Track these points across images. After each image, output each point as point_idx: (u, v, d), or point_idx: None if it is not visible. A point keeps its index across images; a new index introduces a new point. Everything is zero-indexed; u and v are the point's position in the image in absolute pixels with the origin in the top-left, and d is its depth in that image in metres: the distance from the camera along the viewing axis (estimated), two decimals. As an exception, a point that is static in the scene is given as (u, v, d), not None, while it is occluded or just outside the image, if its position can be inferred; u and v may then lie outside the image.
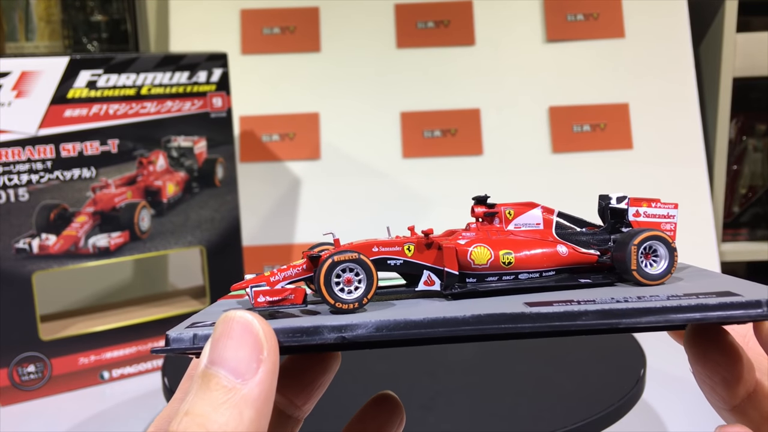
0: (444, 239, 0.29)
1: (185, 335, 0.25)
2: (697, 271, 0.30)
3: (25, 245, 0.67)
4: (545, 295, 0.27)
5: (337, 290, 0.26)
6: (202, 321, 0.27)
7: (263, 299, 0.26)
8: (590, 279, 0.28)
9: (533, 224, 0.30)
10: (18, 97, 0.66)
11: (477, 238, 0.29)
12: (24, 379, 0.68)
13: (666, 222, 0.30)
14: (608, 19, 0.94)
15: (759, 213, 1.00)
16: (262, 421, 0.21)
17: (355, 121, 0.92)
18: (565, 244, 0.29)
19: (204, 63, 0.73)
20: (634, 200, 0.30)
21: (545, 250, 0.29)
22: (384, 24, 0.94)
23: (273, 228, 0.90)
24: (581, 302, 0.25)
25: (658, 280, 0.27)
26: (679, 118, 0.91)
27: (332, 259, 0.26)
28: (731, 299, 0.24)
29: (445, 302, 0.27)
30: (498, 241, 0.29)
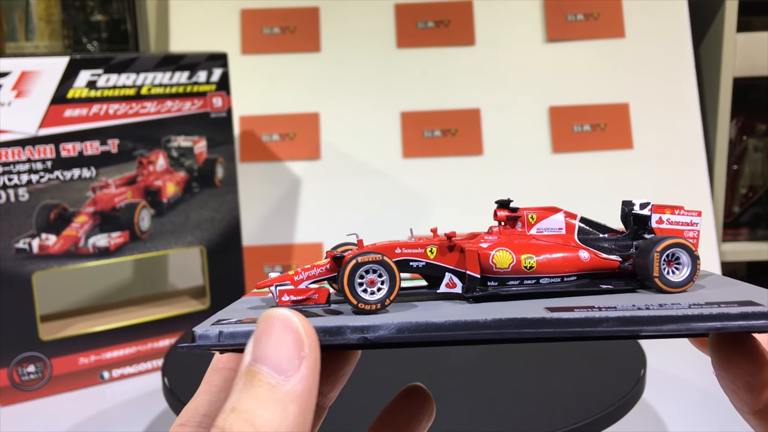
0: (466, 242, 0.29)
1: (211, 332, 0.25)
2: (720, 279, 0.30)
3: (25, 245, 0.67)
4: (566, 300, 0.27)
5: (360, 291, 0.26)
6: (227, 318, 0.27)
7: (287, 298, 0.27)
8: (612, 285, 0.28)
9: (555, 229, 0.30)
10: (18, 97, 0.65)
11: (499, 242, 0.29)
12: (24, 379, 0.68)
13: (689, 229, 0.30)
14: (608, 19, 0.94)
15: (759, 213, 1.00)
16: (306, 416, 0.21)
17: (355, 121, 0.92)
18: (587, 250, 0.29)
19: (204, 63, 0.73)
20: (657, 207, 0.30)
21: (567, 255, 0.29)
22: (384, 24, 0.94)
23: (273, 228, 0.90)
24: (602, 308, 0.25)
25: (680, 287, 0.27)
26: (679, 118, 0.91)
27: (356, 260, 0.26)
28: (753, 309, 0.24)
29: (466, 305, 0.27)
30: (520, 245, 0.29)
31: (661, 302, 0.25)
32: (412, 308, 0.26)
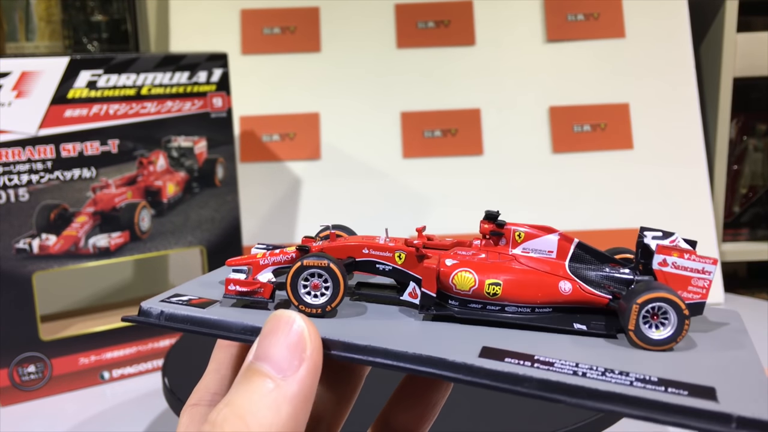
0: (436, 255, 0.27)
1: (154, 310, 0.26)
2: (725, 337, 0.26)
3: (26, 245, 0.67)
4: (515, 338, 0.24)
5: (303, 293, 0.26)
6: (183, 295, 0.27)
7: (233, 288, 0.27)
8: (588, 325, 0.25)
9: (545, 251, 0.27)
10: (18, 98, 0.66)
11: (466, 261, 0.26)
12: (24, 379, 0.68)
13: (699, 277, 0.26)
14: (609, 19, 0.94)
15: (759, 213, 1.00)
16: (299, 419, 0.21)
17: (355, 121, 0.92)
18: (571, 281, 0.26)
19: (204, 63, 0.73)
20: (662, 248, 0.26)
21: (543, 284, 0.26)
22: (384, 24, 0.94)
23: (273, 228, 0.90)
24: (536, 363, 0.22)
25: (657, 346, 0.24)
26: (679, 118, 0.91)
27: (301, 263, 0.26)
28: (701, 405, 0.21)
29: (414, 323, 0.26)
30: (489, 266, 0.26)
31: (610, 367, 0.23)
32: (352, 317, 0.26)
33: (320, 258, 0.26)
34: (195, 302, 0.27)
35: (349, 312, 0.26)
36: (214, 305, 0.27)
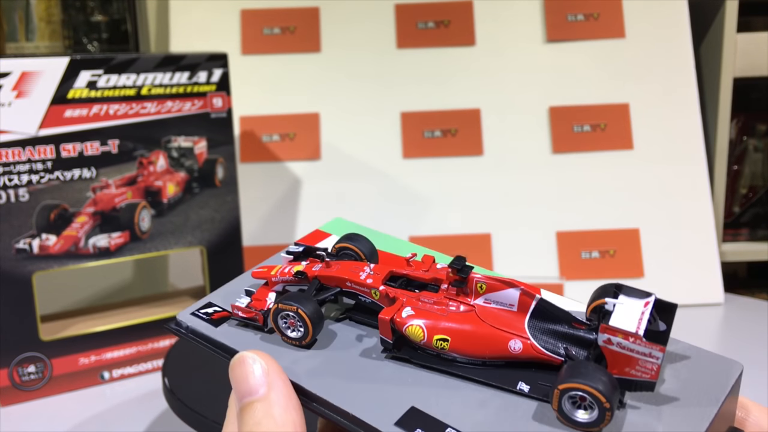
0: (399, 299, 0.28)
1: (183, 322, 0.31)
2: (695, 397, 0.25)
3: (26, 245, 0.67)
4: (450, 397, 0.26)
5: (284, 327, 0.29)
6: (211, 306, 0.32)
7: (237, 312, 0.30)
8: (529, 388, 0.26)
9: (506, 304, 0.27)
10: (18, 98, 0.66)
11: (420, 313, 0.27)
12: (24, 380, 0.68)
13: (646, 360, 0.24)
14: (609, 20, 0.94)
15: (759, 213, 1.00)
16: (291, 414, 0.26)
17: (355, 122, 0.92)
18: (523, 339, 0.26)
19: (204, 63, 0.73)
20: (605, 328, 0.24)
21: (492, 342, 0.26)
22: (384, 24, 0.95)
23: (273, 228, 0.90)
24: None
25: (582, 428, 0.24)
26: (679, 118, 0.91)
27: (277, 306, 0.29)
28: None
29: (371, 362, 0.28)
30: (440, 319, 0.27)
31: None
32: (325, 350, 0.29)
33: (291, 303, 0.28)
34: (216, 317, 0.31)
35: (322, 342, 0.29)
36: (226, 323, 0.31)
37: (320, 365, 0.28)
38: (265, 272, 0.32)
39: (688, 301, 0.85)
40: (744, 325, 0.80)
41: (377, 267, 0.30)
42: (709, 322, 0.81)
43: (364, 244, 0.32)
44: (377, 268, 0.30)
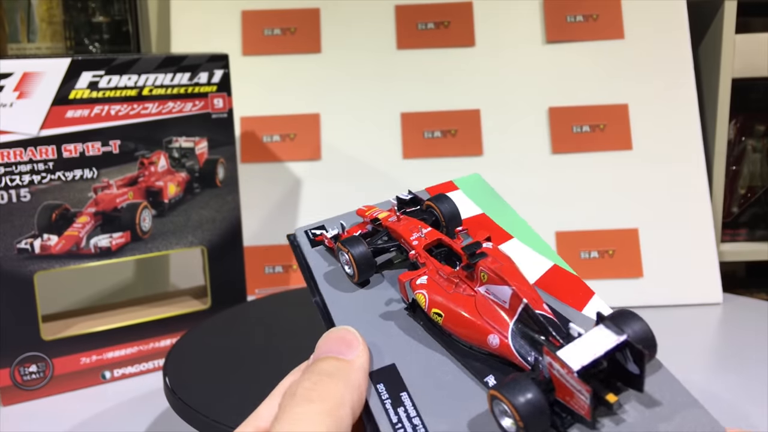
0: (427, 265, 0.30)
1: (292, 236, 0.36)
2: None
3: (27, 245, 0.68)
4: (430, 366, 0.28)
5: (343, 263, 0.33)
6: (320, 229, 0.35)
7: (324, 241, 0.34)
8: (494, 385, 0.26)
9: (501, 300, 0.27)
10: (20, 98, 0.66)
11: (428, 285, 0.29)
12: (26, 379, 0.69)
13: (578, 396, 0.24)
14: (608, 20, 0.94)
15: (758, 213, 1.00)
16: (363, 392, 0.26)
17: (355, 122, 0.93)
18: (501, 337, 0.26)
19: (205, 64, 0.74)
20: (548, 352, 0.24)
21: (475, 331, 0.27)
22: (384, 25, 0.95)
23: (274, 228, 0.90)
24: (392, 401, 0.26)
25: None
26: (678, 118, 0.91)
27: (337, 245, 0.33)
28: None
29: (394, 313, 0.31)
30: (442, 295, 0.28)
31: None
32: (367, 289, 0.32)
33: (345, 245, 0.32)
34: (317, 239, 0.35)
35: (372, 283, 0.32)
36: (318, 248, 0.35)
37: (349, 297, 0.31)
38: (363, 212, 0.36)
39: (687, 301, 0.86)
40: (742, 325, 0.80)
41: (431, 232, 0.32)
42: (707, 322, 0.82)
43: (446, 207, 0.34)
44: (431, 234, 0.32)
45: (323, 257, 0.34)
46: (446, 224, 0.33)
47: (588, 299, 0.29)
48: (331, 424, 0.24)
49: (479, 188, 0.37)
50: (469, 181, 0.38)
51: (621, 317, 0.25)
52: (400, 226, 0.33)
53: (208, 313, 0.76)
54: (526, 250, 0.33)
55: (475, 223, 0.35)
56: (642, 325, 0.25)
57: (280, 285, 0.88)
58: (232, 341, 0.62)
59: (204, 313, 0.76)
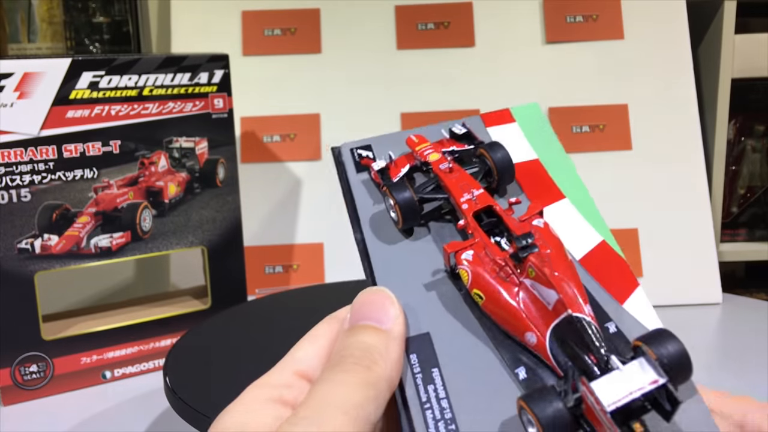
0: (475, 236, 0.28)
1: (337, 149, 0.34)
2: None
3: (28, 245, 0.68)
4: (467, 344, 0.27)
5: (388, 207, 0.31)
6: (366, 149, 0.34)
7: (371, 172, 0.33)
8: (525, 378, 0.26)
9: (546, 300, 0.26)
10: (20, 98, 0.66)
11: (473, 262, 0.27)
12: (26, 379, 0.69)
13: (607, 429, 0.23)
14: (608, 21, 0.94)
15: (757, 213, 1.00)
16: (401, 364, 0.25)
17: (355, 122, 0.93)
18: (538, 337, 0.25)
19: (205, 64, 0.74)
20: (584, 382, 0.23)
21: (514, 323, 0.26)
22: (384, 25, 0.95)
23: (274, 228, 0.90)
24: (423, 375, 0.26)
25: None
26: (678, 119, 0.91)
27: (384, 189, 0.31)
28: None
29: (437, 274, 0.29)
30: (484, 278, 0.27)
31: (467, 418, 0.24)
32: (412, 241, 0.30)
33: (390, 190, 0.30)
34: (363, 162, 0.33)
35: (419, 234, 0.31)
36: (363, 176, 0.33)
37: (392, 247, 0.30)
38: (413, 143, 0.33)
39: (687, 301, 0.86)
40: (742, 325, 0.80)
41: (483, 196, 0.30)
42: (707, 322, 0.82)
43: (500, 160, 0.31)
44: (482, 198, 0.29)
45: (369, 191, 0.32)
46: (498, 178, 0.31)
47: (631, 291, 0.28)
48: (370, 396, 0.24)
49: (536, 122, 0.34)
50: (527, 112, 0.34)
51: (657, 338, 0.24)
52: (452, 181, 0.30)
53: (208, 313, 0.76)
54: (576, 216, 0.31)
55: (528, 172, 0.32)
56: (678, 347, 0.24)
57: (280, 285, 0.89)
58: (232, 341, 0.62)
59: (204, 313, 0.76)
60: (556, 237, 0.28)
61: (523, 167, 0.32)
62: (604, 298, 0.28)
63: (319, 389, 0.24)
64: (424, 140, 0.33)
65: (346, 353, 0.25)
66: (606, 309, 0.27)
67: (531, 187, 0.31)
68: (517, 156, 0.32)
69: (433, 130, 0.34)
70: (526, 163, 0.32)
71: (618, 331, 0.26)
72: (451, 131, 0.34)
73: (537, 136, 0.34)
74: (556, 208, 0.31)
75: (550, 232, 0.28)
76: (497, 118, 0.34)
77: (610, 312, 0.27)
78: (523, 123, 0.34)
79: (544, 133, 0.34)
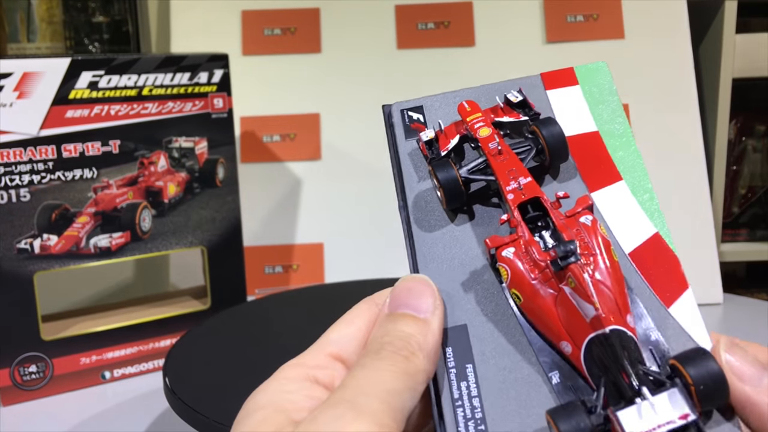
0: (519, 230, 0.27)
1: (387, 109, 0.34)
2: None
3: (27, 245, 0.68)
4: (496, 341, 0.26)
5: (434, 186, 0.30)
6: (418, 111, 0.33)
7: (420, 140, 0.32)
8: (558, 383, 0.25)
9: (584, 312, 0.25)
10: (20, 98, 0.66)
11: (513, 259, 0.26)
12: (25, 379, 0.68)
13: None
14: (608, 20, 0.94)
15: (758, 213, 1.00)
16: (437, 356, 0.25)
17: (355, 122, 0.93)
18: (574, 347, 0.25)
19: (205, 64, 0.74)
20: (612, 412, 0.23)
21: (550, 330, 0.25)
22: (384, 25, 0.95)
23: (274, 228, 0.90)
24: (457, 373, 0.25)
25: None
26: (678, 118, 0.91)
27: (430, 168, 0.30)
28: None
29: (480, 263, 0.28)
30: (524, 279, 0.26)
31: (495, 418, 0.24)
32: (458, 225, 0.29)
33: (434, 169, 0.29)
34: (413, 126, 0.32)
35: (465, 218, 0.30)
36: (412, 145, 0.32)
37: (435, 231, 0.29)
38: (465, 111, 0.31)
39: (688, 301, 0.86)
40: (743, 325, 0.80)
41: (530, 185, 0.28)
42: (708, 322, 0.81)
43: (552, 138, 0.29)
44: (529, 187, 0.28)
45: (415, 165, 0.31)
46: (550, 158, 0.29)
47: (679, 294, 0.26)
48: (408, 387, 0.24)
49: (602, 87, 0.31)
50: (593, 74, 0.32)
51: (695, 360, 0.23)
52: (499, 165, 0.29)
53: (208, 313, 0.76)
54: (631, 203, 0.29)
55: (585, 146, 0.30)
56: (715, 372, 0.23)
57: (280, 285, 0.88)
58: (232, 341, 0.62)
59: (204, 313, 0.76)
60: (604, 237, 0.26)
61: (581, 140, 0.30)
62: (649, 300, 0.26)
63: (357, 374, 0.24)
64: (476, 108, 0.31)
65: (385, 341, 0.25)
66: (650, 314, 0.26)
67: (587, 164, 0.29)
68: (575, 127, 0.30)
69: (489, 91, 0.32)
70: (584, 135, 0.30)
71: (659, 340, 0.25)
72: (506, 98, 0.31)
73: (600, 103, 0.31)
74: (610, 191, 0.29)
75: (598, 231, 0.26)
76: (559, 79, 0.32)
77: (654, 318, 0.26)
78: (587, 87, 0.31)
79: (608, 100, 0.31)
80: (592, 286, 0.24)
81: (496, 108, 0.31)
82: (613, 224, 0.28)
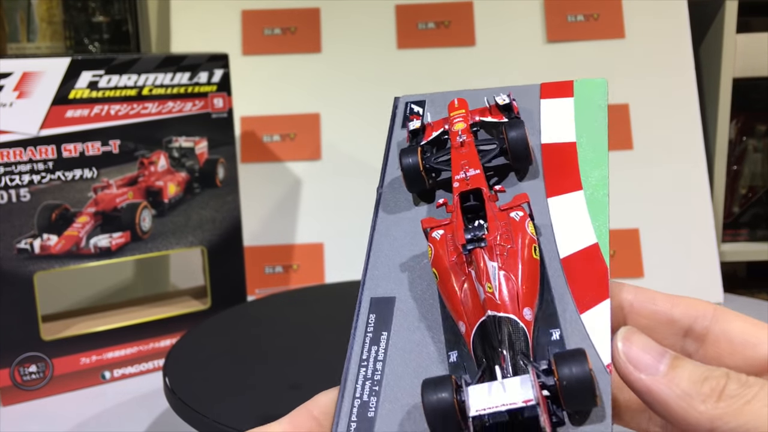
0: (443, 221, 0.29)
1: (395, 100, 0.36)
2: None
3: (27, 245, 0.67)
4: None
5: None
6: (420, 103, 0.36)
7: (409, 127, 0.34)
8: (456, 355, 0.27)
9: (480, 297, 0.26)
10: (20, 98, 0.66)
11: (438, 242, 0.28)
12: (25, 379, 0.68)
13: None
14: (608, 20, 0.94)
15: (759, 213, 1.00)
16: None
17: (355, 122, 0.93)
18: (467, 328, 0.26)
19: (205, 64, 0.74)
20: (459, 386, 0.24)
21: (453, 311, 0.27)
22: (385, 25, 0.95)
23: (274, 228, 0.90)
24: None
25: None
26: (679, 118, 0.91)
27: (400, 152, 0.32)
28: None
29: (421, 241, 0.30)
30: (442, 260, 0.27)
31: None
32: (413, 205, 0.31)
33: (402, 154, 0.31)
34: (412, 118, 0.34)
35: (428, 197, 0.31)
36: (405, 130, 0.34)
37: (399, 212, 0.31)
38: (453, 108, 0.34)
39: (688, 301, 0.86)
40: (743, 325, 0.80)
41: (476, 177, 0.29)
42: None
43: (514, 140, 0.30)
44: (475, 179, 0.29)
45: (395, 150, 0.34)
46: (513, 157, 0.30)
47: (596, 302, 0.27)
48: None
49: (594, 102, 0.32)
50: (589, 89, 0.33)
51: (568, 358, 0.24)
52: (455, 156, 0.31)
53: (208, 313, 0.76)
54: (581, 213, 0.29)
55: (558, 153, 0.31)
56: (582, 372, 0.23)
57: (280, 285, 0.88)
58: (232, 341, 0.62)
59: (204, 313, 0.76)
60: (528, 233, 0.27)
61: (556, 148, 0.31)
62: (564, 304, 0.27)
63: None
64: (463, 106, 0.33)
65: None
66: (560, 316, 0.27)
67: (554, 170, 0.30)
68: (556, 135, 0.31)
69: (490, 94, 0.34)
70: (561, 144, 0.31)
71: (560, 340, 0.26)
72: (495, 100, 0.33)
73: (586, 117, 0.32)
74: (567, 198, 0.30)
75: (524, 227, 0.28)
76: (557, 90, 0.33)
77: (563, 320, 0.27)
78: (580, 100, 0.32)
79: (595, 116, 0.32)
80: (490, 271, 0.26)
81: (484, 109, 0.33)
82: (558, 229, 0.29)
